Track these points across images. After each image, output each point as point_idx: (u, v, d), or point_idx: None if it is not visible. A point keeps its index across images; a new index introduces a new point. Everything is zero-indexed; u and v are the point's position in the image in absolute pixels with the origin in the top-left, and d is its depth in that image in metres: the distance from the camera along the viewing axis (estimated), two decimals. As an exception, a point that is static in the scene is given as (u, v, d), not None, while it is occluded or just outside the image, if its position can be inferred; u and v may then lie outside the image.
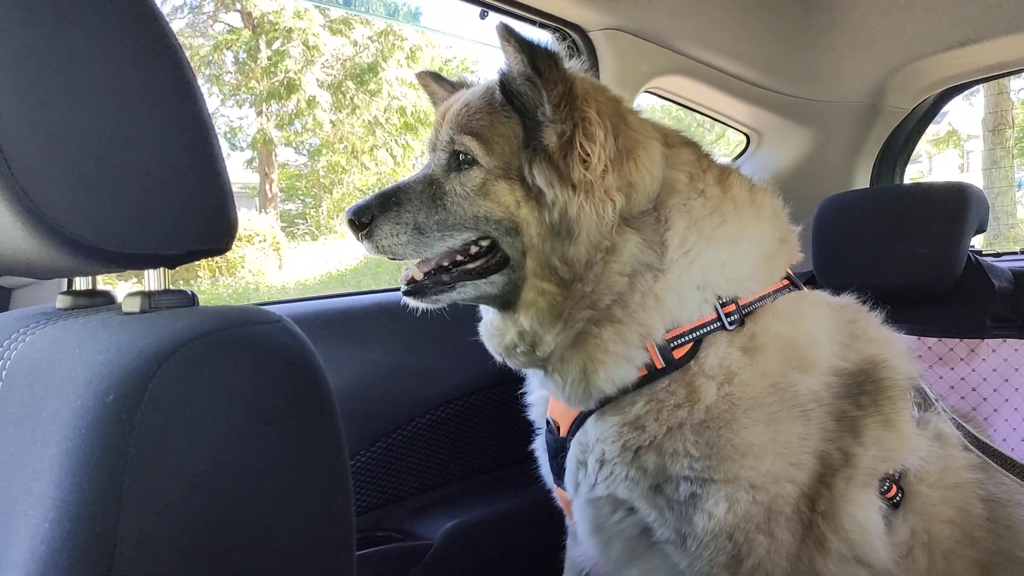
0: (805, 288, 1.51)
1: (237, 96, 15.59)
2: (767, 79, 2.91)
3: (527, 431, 1.74)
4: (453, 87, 1.63)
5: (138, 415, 0.72)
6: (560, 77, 1.31)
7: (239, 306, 0.93)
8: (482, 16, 2.31)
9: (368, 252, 1.43)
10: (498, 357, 1.51)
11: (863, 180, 3.25)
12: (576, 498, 1.50)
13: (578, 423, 1.49)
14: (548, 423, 1.61)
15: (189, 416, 0.76)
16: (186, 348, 0.78)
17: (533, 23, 2.34)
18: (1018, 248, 5.10)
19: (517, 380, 1.73)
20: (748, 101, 2.99)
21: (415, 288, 1.44)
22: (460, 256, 1.43)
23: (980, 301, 2.29)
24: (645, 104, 2.98)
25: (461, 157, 1.40)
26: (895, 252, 2.29)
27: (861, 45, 2.74)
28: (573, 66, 1.41)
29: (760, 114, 3.10)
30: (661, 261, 1.36)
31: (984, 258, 2.36)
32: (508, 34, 1.29)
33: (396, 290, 1.60)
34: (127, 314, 0.92)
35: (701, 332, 1.37)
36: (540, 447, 1.68)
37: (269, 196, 15.07)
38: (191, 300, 0.97)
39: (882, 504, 1.37)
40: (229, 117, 15.57)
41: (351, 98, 15.35)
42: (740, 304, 1.38)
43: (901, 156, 3.30)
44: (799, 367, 1.36)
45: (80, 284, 1.08)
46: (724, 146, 3.83)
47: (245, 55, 15.21)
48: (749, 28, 2.65)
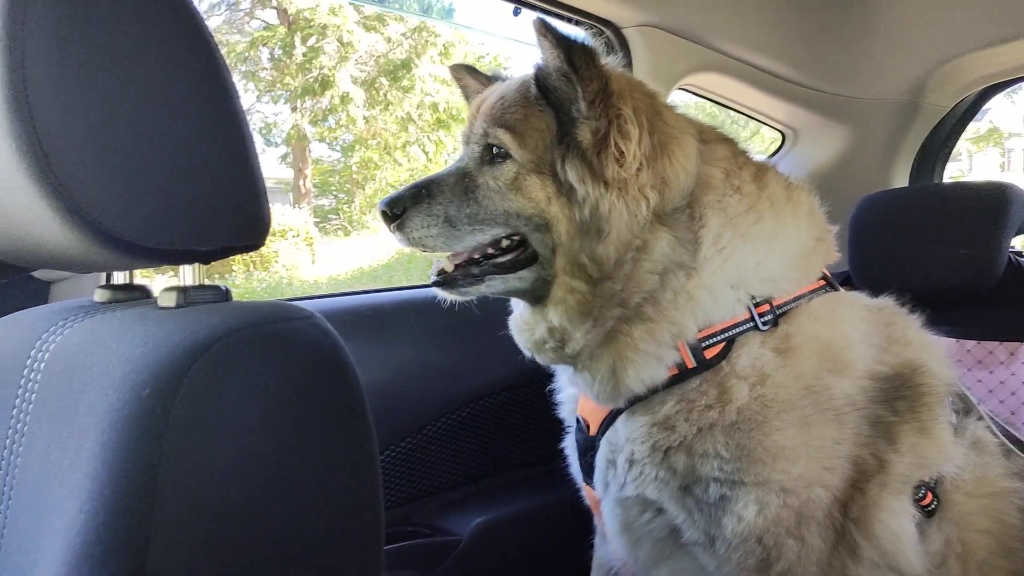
0: (841, 289, 1.49)
1: (272, 92, 15.73)
2: (803, 76, 2.86)
3: (556, 429, 1.74)
4: (487, 80, 1.62)
5: (173, 409, 0.74)
6: (596, 74, 1.30)
7: (271, 302, 0.95)
8: (515, 13, 2.31)
9: (400, 244, 1.44)
10: (527, 352, 1.51)
11: (902, 179, 3.18)
12: (605, 497, 1.49)
13: (608, 422, 1.48)
14: (578, 421, 1.60)
15: (222, 410, 0.77)
16: (220, 343, 0.79)
17: (567, 20, 2.33)
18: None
19: (547, 378, 1.73)
20: (784, 98, 2.94)
21: (445, 280, 1.45)
22: (491, 249, 1.43)
23: (1021, 303, 2.24)
24: (679, 101, 2.95)
25: (494, 151, 1.40)
26: (934, 253, 2.25)
27: (900, 42, 2.69)
28: (609, 62, 1.39)
29: (796, 111, 3.04)
30: (694, 259, 1.34)
31: (1025, 259, 2.30)
32: (545, 29, 1.28)
33: (426, 286, 1.60)
34: (163, 309, 0.94)
35: (734, 332, 1.35)
36: (570, 445, 1.67)
37: (303, 192, 15.19)
38: (225, 295, 0.98)
39: (916, 512, 1.34)
40: (264, 113, 15.67)
41: (384, 94, 15.41)
42: (774, 304, 1.36)
43: (941, 155, 3.23)
44: (834, 370, 1.33)
45: (117, 278, 1.09)
46: (759, 143, 3.77)
47: (280, 52, 15.34)
48: (785, 24, 2.61)
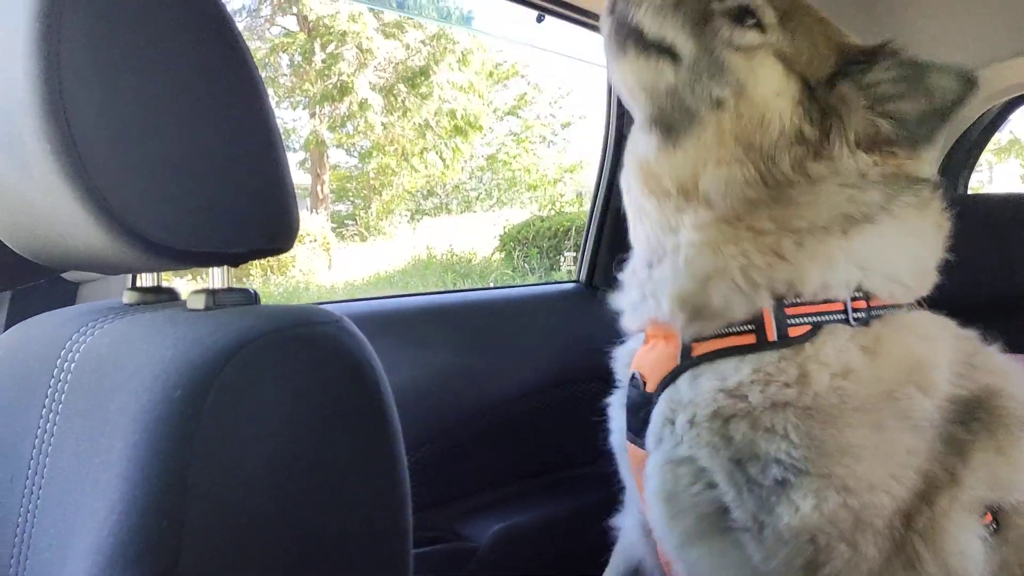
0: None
1: (291, 98, 15.86)
2: (827, 85, 2.85)
3: (579, 437, 1.72)
4: None
5: (204, 410, 0.74)
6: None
7: (300, 305, 0.95)
8: (539, 20, 2.30)
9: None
10: (632, 195, 1.42)
11: (927, 189, 3.17)
12: (655, 454, 1.39)
13: (669, 379, 1.39)
14: (633, 377, 1.50)
15: (252, 412, 0.77)
16: (251, 345, 0.79)
17: (593, 28, 2.32)
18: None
19: (570, 383, 1.71)
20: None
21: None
22: None
23: None
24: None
25: None
26: (964, 264, 2.23)
27: (923, 53, 2.66)
28: None
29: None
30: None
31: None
32: None
33: (451, 292, 1.60)
34: (192, 311, 0.94)
35: (823, 319, 1.28)
36: (616, 403, 1.57)
37: (320, 197, 15.28)
38: (253, 298, 0.99)
39: (983, 531, 1.28)
40: (283, 119, 15.81)
41: (402, 101, 15.50)
42: (871, 304, 1.31)
43: (965, 166, 3.21)
44: (920, 386, 1.28)
45: (145, 281, 1.10)
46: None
47: (300, 58, 15.47)
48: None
